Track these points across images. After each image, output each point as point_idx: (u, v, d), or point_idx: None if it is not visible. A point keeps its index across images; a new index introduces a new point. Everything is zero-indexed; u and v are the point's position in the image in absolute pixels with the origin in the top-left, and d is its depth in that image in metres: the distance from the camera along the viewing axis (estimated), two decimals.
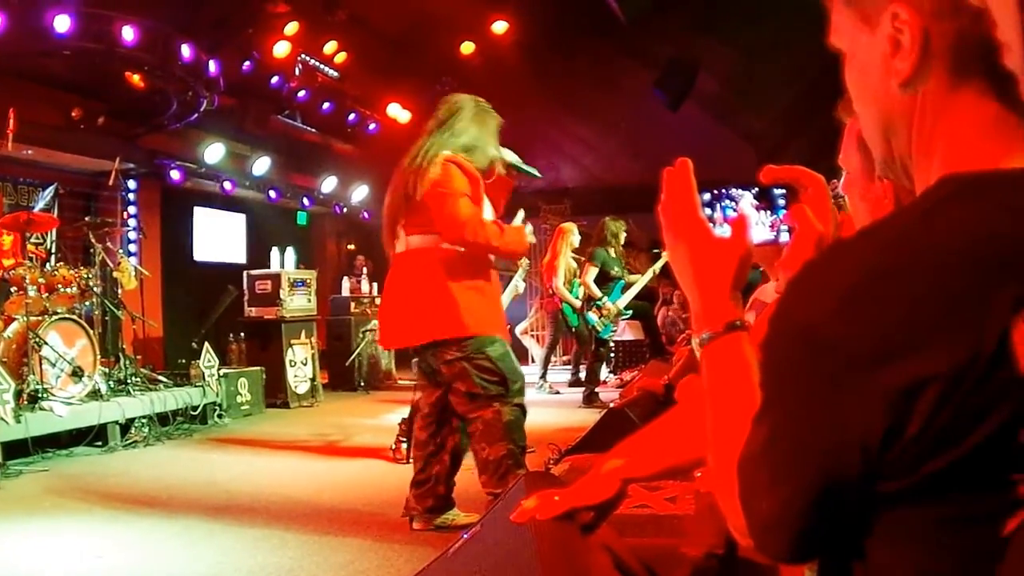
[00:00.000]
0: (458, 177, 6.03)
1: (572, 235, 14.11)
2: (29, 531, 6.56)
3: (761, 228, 1.93)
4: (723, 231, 1.78)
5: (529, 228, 6.42)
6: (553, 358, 16.45)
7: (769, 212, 1.96)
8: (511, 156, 6.42)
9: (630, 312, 13.72)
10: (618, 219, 13.61)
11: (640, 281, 13.47)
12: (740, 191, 1.92)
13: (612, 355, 16.72)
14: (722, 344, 1.63)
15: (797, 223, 1.95)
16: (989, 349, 1.13)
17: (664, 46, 15.73)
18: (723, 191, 1.89)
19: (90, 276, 10.75)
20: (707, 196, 1.87)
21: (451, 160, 6.07)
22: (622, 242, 13.50)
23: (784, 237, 1.96)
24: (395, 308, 6.25)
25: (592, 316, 13.18)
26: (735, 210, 1.89)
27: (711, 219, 1.80)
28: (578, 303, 13.54)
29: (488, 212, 6.24)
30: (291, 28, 14.83)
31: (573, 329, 14.25)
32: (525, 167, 6.54)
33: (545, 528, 2.20)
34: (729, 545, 2.52)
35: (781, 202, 1.96)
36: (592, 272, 13.12)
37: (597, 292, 13.09)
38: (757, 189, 1.94)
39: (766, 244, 1.94)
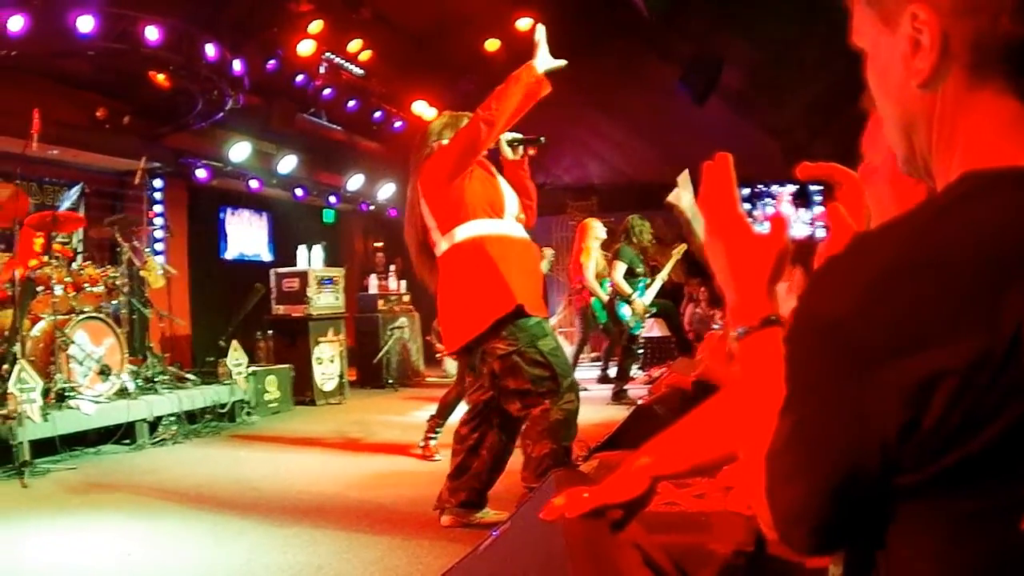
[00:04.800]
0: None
1: (597, 230, 14.09)
2: (57, 529, 6.54)
3: (800, 225, 1.94)
4: (762, 228, 1.76)
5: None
6: (581, 355, 16.41)
7: (804, 208, 1.95)
8: (508, 135, 6.34)
9: (655, 308, 13.67)
10: (644, 218, 13.59)
11: (659, 277, 13.45)
12: (779, 188, 1.91)
13: (640, 351, 16.67)
14: (757, 339, 1.64)
15: (832, 222, 1.95)
16: (1003, 345, 1.13)
17: (688, 42, 15.71)
18: (763, 189, 1.88)
19: (117, 275, 10.79)
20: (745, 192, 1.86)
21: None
22: (646, 241, 13.45)
23: (820, 234, 1.96)
24: (447, 309, 6.19)
25: (625, 312, 13.15)
26: (774, 207, 1.88)
27: (750, 216, 1.78)
28: (606, 297, 13.50)
29: (508, 192, 6.29)
30: (315, 26, 14.83)
31: (601, 326, 14.24)
32: (525, 138, 6.47)
33: (574, 526, 2.21)
34: (758, 542, 2.55)
35: (817, 198, 1.96)
36: (620, 269, 13.08)
37: (627, 288, 13.06)
38: (786, 184, 1.93)
39: (802, 241, 1.95)
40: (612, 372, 14.34)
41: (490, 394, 6.26)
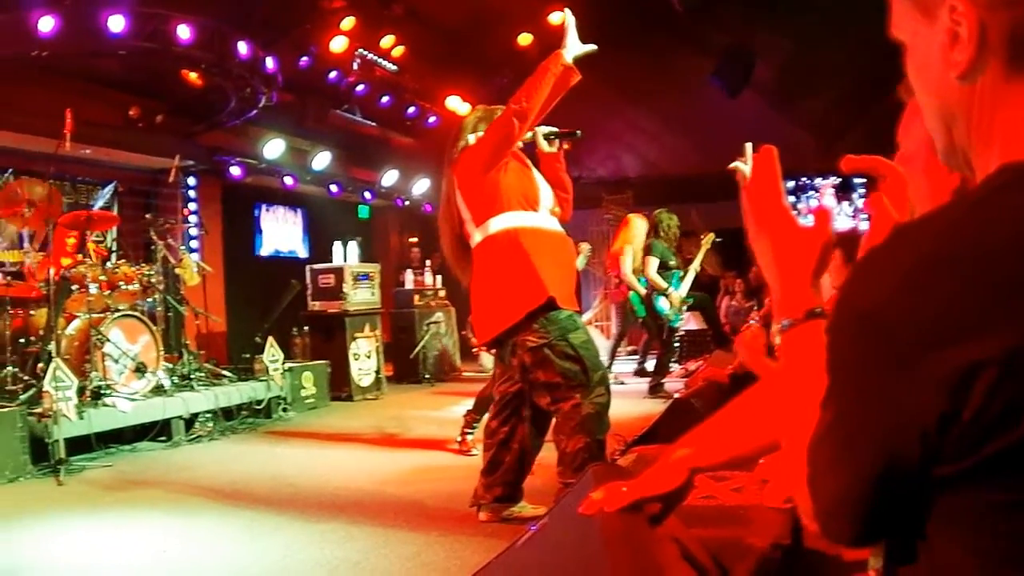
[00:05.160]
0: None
1: (640, 227, 14.08)
2: (92, 526, 6.57)
3: (843, 218, 1.95)
4: (806, 221, 1.76)
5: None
6: (619, 349, 16.39)
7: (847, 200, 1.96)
8: (544, 128, 6.38)
9: (691, 299, 13.63)
10: (671, 212, 13.58)
11: (692, 268, 13.43)
12: (822, 180, 1.91)
13: (677, 345, 16.63)
14: (801, 331, 1.64)
15: (875, 213, 1.96)
16: None
17: (721, 34, 15.68)
18: (806, 181, 1.88)
19: (152, 273, 10.83)
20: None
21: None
22: (675, 234, 13.42)
23: (864, 226, 1.98)
24: (480, 300, 6.20)
25: (663, 306, 13.12)
26: (818, 200, 1.89)
27: (794, 208, 1.78)
28: (644, 291, 13.47)
29: (543, 186, 6.28)
30: (347, 23, 14.83)
31: (640, 320, 14.23)
32: (562, 131, 6.48)
33: (613, 520, 2.21)
34: (795, 536, 2.60)
35: (860, 191, 1.97)
36: (653, 264, 13.07)
37: (663, 283, 13.04)
38: (828, 176, 1.93)
39: (845, 233, 1.95)
40: (648, 366, 14.35)
41: (519, 386, 6.24)
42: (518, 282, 5.89)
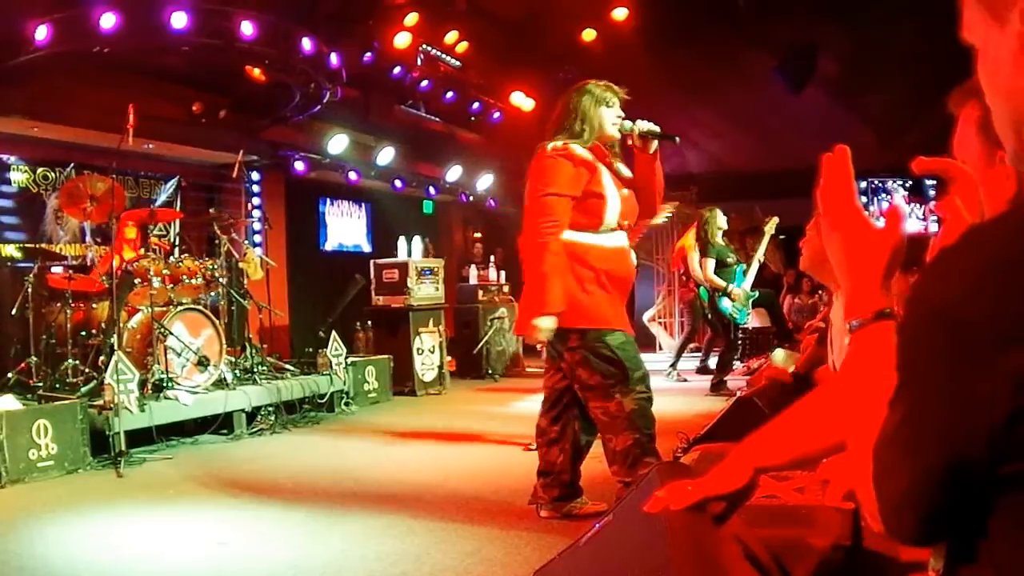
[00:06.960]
0: (557, 171, 5.96)
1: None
2: (151, 518, 6.60)
3: (914, 220, 1.95)
4: (878, 221, 1.79)
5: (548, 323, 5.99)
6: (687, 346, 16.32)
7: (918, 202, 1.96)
8: (645, 124, 6.21)
9: (755, 294, 13.54)
10: (713, 209, 13.56)
11: (756, 258, 13.32)
12: (895, 183, 1.91)
13: (739, 343, 16.50)
14: (871, 332, 1.67)
15: (947, 214, 1.96)
16: None
17: (783, 29, 15.58)
18: (878, 184, 1.87)
19: (215, 267, 10.87)
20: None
21: (553, 152, 6.02)
22: (716, 232, 13.32)
23: (934, 228, 1.97)
24: (523, 296, 6.15)
25: (726, 305, 13.05)
26: (889, 201, 1.88)
27: (866, 208, 1.76)
28: (710, 281, 13.39)
29: (611, 186, 6.09)
30: (411, 19, 14.88)
31: (708, 316, 14.17)
32: (661, 133, 6.29)
33: (677, 518, 2.20)
34: (855, 536, 2.58)
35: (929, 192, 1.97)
36: (710, 265, 13.06)
37: (721, 282, 13.02)
38: (883, 177, 1.91)
39: (916, 235, 1.95)
40: (711, 363, 14.31)
41: (567, 382, 6.23)
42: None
